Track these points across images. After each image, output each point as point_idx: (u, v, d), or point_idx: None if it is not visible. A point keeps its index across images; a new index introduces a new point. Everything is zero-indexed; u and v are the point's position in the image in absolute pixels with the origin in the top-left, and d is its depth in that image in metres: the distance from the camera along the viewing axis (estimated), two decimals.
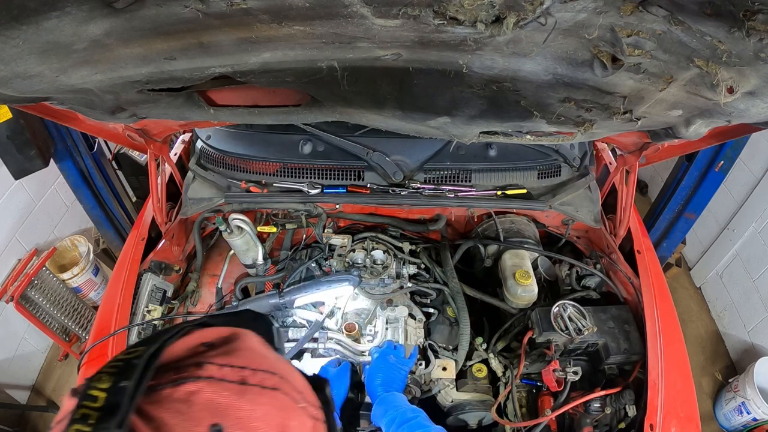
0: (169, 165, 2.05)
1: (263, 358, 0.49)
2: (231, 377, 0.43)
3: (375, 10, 0.74)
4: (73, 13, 0.69)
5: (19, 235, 2.86)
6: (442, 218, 2.05)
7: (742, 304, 3.16)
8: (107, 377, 0.39)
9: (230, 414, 0.41)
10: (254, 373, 0.45)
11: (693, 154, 2.64)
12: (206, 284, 2.03)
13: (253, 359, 0.47)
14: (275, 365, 0.49)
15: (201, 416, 0.40)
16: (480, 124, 1.25)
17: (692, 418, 1.49)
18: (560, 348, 1.64)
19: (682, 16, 0.70)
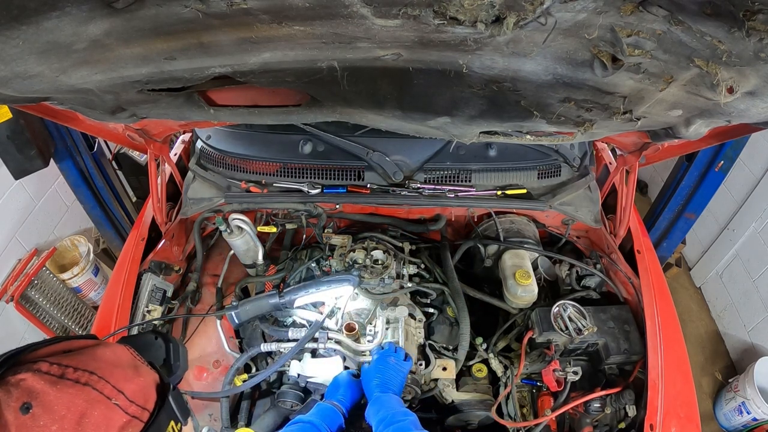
0: (169, 165, 2.05)
1: (98, 362, 0.61)
2: (54, 372, 0.56)
3: (375, 10, 0.74)
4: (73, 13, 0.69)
5: (19, 235, 2.86)
6: (442, 218, 2.05)
7: (742, 304, 3.16)
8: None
9: (40, 397, 0.54)
10: (75, 371, 0.58)
11: (693, 154, 2.64)
12: (206, 284, 2.03)
13: (85, 363, 0.60)
14: (104, 369, 0.61)
15: (19, 396, 0.53)
16: (480, 124, 1.25)
17: (692, 418, 1.50)
18: (560, 348, 1.65)
19: (682, 16, 0.70)
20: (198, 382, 1.83)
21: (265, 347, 1.72)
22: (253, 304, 1.75)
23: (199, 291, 1.98)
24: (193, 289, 1.94)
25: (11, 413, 0.51)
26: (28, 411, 0.52)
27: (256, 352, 1.73)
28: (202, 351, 1.87)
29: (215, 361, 1.87)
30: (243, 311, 1.74)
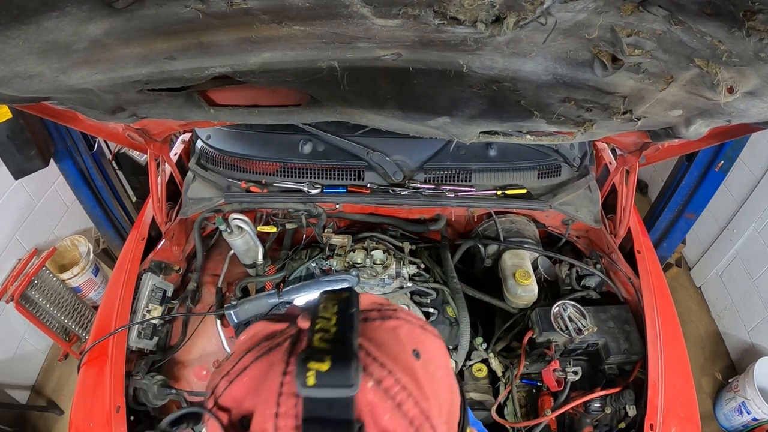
0: (169, 165, 2.05)
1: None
2: (414, 321, 0.53)
3: (375, 10, 0.74)
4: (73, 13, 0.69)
5: (19, 235, 2.86)
6: (442, 218, 2.05)
7: (742, 304, 3.16)
8: (333, 304, 0.46)
9: (423, 344, 0.51)
10: (423, 321, 0.56)
11: (693, 154, 2.64)
12: (206, 284, 2.03)
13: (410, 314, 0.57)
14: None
15: (406, 342, 0.49)
16: (480, 124, 1.25)
17: (692, 418, 1.50)
18: (560, 348, 1.65)
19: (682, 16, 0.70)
20: (198, 382, 1.83)
21: None
22: (252, 304, 1.75)
23: (199, 291, 1.98)
24: (193, 288, 1.94)
25: (411, 358, 0.48)
26: (419, 357, 0.49)
27: None
28: (202, 351, 1.87)
29: (215, 361, 1.87)
30: (242, 310, 1.74)
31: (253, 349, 0.47)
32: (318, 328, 0.42)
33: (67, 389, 3.03)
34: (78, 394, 1.55)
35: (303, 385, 0.38)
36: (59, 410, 2.90)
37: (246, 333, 0.52)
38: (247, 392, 0.45)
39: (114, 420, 1.44)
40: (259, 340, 0.48)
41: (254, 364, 0.46)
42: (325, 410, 0.39)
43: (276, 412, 0.41)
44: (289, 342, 0.46)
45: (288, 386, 0.42)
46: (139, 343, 1.69)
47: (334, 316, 0.44)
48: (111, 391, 1.49)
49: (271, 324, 0.50)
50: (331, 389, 0.38)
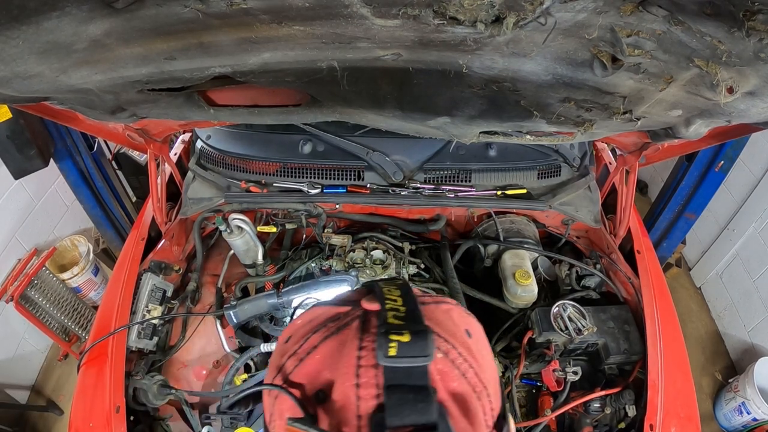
0: (169, 165, 2.05)
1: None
2: (461, 306, 0.57)
3: (375, 10, 0.74)
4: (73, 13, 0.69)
5: (19, 235, 2.86)
6: (442, 218, 2.05)
7: (742, 304, 3.16)
8: (395, 289, 0.51)
9: (472, 326, 0.55)
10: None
11: (693, 154, 2.64)
12: (206, 284, 2.03)
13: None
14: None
15: (459, 323, 0.53)
16: (480, 124, 1.25)
17: (692, 418, 1.50)
18: (560, 348, 1.65)
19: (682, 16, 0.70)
20: (198, 382, 1.83)
21: (265, 347, 1.72)
22: (251, 304, 1.75)
23: (198, 291, 1.98)
24: (193, 288, 1.94)
25: (465, 336, 0.53)
26: (471, 336, 0.54)
27: (256, 352, 1.73)
28: (202, 351, 1.87)
29: (215, 360, 1.87)
30: (241, 311, 1.74)
31: (320, 330, 0.50)
32: (389, 308, 0.47)
33: (67, 389, 3.03)
34: (78, 394, 1.55)
35: (385, 355, 0.42)
36: (59, 410, 2.90)
37: (304, 317, 0.55)
38: (321, 368, 0.47)
39: (114, 420, 1.44)
40: (323, 322, 0.51)
41: (324, 342, 0.49)
42: (405, 378, 0.43)
43: (356, 383, 0.44)
44: (358, 322, 0.50)
45: (365, 359, 0.45)
46: (139, 343, 1.69)
47: (399, 298, 0.49)
48: (111, 391, 1.49)
49: (331, 308, 0.54)
50: (410, 359, 0.43)
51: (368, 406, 0.43)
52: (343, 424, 0.44)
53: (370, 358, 0.45)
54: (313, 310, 0.56)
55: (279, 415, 0.49)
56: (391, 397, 0.42)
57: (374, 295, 0.52)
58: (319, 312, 0.54)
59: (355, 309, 0.52)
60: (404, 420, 0.41)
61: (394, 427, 0.41)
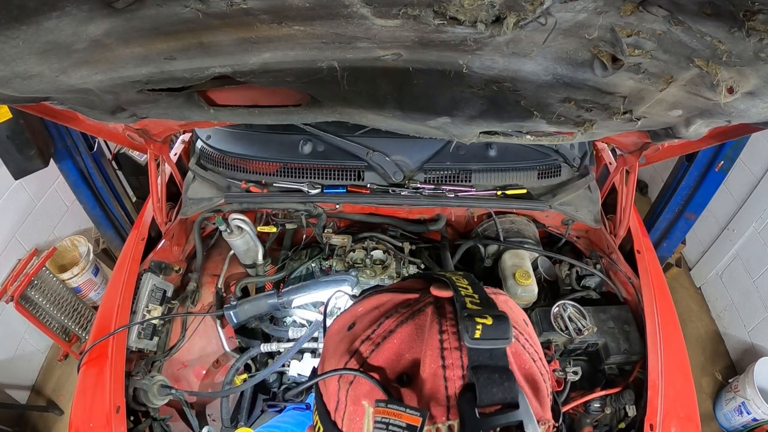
0: (169, 165, 2.05)
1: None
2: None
3: (375, 10, 0.74)
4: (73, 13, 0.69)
5: (19, 235, 2.86)
6: (442, 218, 2.05)
7: (742, 304, 3.16)
8: (464, 281, 0.53)
9: (526, 317, 0.59)
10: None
11: (693, 154, 2.64)
12: (206, 284, 2.03)
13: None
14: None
15: (517, 313, 0.57)
16: (480, 124, 1.25)
17: (692, 418, 1.50)
18: (560, 348, 1.65)
19: (682, 16, 0.70)
20: (198, 381, 1.83)
21: (265, 347, 1.72)
22: (251, 304, 1.75)
23: (198, 291, 1.98)
24: (193, 289, 1.94)
25: (524, 325, 0.56)
26: (528, 325, 0.57)
27: (256, 353, 1.73)
28: (202, 351, 1.87)
29: (215, 361, 1.87)
30: (241, 311, 1.74)
31: (392, 316, 0.51)
32: (464, 295, 0.49)
33: (67, 389, 3.03)
34: (78, 394, 1.55)
35: (471, 337, 0.44)
36: (59, 410, 2.90)
37: (366, 304, 0.56)
38: (402, 351, 0.49)
39: (114, 420, 1.44)
40: (394, 307, 0.53)
41: (401, 327, 0.50)
42: (487, 359, 0.45)
43: (443, 365, 0.46)
44: (432, 307, 0.51)
45: (448, 342, 0.47)
46: (139, 344, 1.69)
47: (469, 287, 0.51)
48: (111, 391, 1.49)
49: (397, 294, 0.55)
50: (492, 341, 0.45)
51: (456, 386, 0.45)
52: (432, 405, 0.45)
53: (453, 340, 0.47)
54: (376, 297, 0.57)
55: (354, 400, 0.48)
56: (479, 377, 0.44)
57: (442, 283, 0.53)
58: (384, 299, 0.55)
59: (425, 296, 0.54)
60: (492, 398, 0.43)
61: (483, 405, 0.43)
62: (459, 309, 0.47)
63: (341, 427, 0.50)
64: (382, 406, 0.44)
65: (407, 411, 0.43)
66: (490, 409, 0.43)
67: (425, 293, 0.54)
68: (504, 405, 0.43)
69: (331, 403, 0.51)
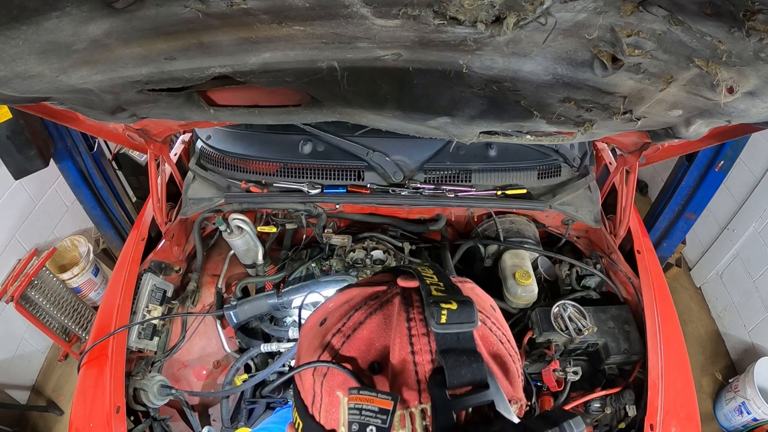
0: (169, 165, 2.05)
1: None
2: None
3: (375, 11, 0.74)
4: (73, 13, 0.69)
5: (19, 235, 2.86)
6: (442, 218, 2.05)
7: (742, 304, 3.16)
8: (429, 271, 0.55)
9: (494, 303, 0.60)
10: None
11: (693, 154, 2.64)
12: (206, 284, 2.03)
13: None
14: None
15: (484, 299, 0.59)
16: (480, 124, 1.25)
17: (692, 418, 1.50)
18: (560, 348, 1.65)
19: (682, 16, 0.70)
20: (198, 382, 1.83)
21: (265, 347, 1.72)
22: (251, 304, 1.75)
23: (198, 291, 1.98)
24: (193, 289, 1.94)
25: (491, 310, 0.58)
26: (495, 310, 0.60)
27: (256, 353, 1.73)
28: (202, 351, 1.87)
29: (215, 361, 1.87)
30: (241, 311, 1.74)
31: (362, 308, 0.53)
32: (429, 283, 0.51)
33: (67, 389, 3.03)
34: (78, 394, 1.55)
35: (437, 322, 0.46)
36: (59, 410, 2.90)
37: (336, 299, 0.58)
38: (372, 340, 0.50)
39: (114, 420, 1.44)
40: (363, 300, 0.54)
41: (370, 318, 0.51)
42: (455, 342, 0.47)
43: (412, 350, 0.48)
44: (399, 297, 0.53)
45: (416, 328, 0.49)
46: (139, 344, 1.69)
47: (434, 276, 0.53)
48: (111, 391, 1.49)
49: (365, 288, 0.56)
50: (458, 325, 0.47)
51: (426, 370, 0.47)
52: (404, 389, 0.46)
53: (421, 327, 0.49)
54: (345, 291, 0.58)
55: (329, 391, 0.50)
56: (447, 360, 0.45)
57: (408, 274, 0.55)
58: (354, 293, 0.57)
59: (392, 287, 0.55)
60: (462, 380, 0.44)
61: (453, 386, 0.44)
62: (425, 296, 0.49)
63: (319, 420, 0.51)
64: (354, 393, 0.45)
65: (379, 396, 0.44)
66: (461, 390, 0.44)
67: (393, 285, 0.55)
68: (474, 386, 0.44)
69: (308, 397, 0.52)
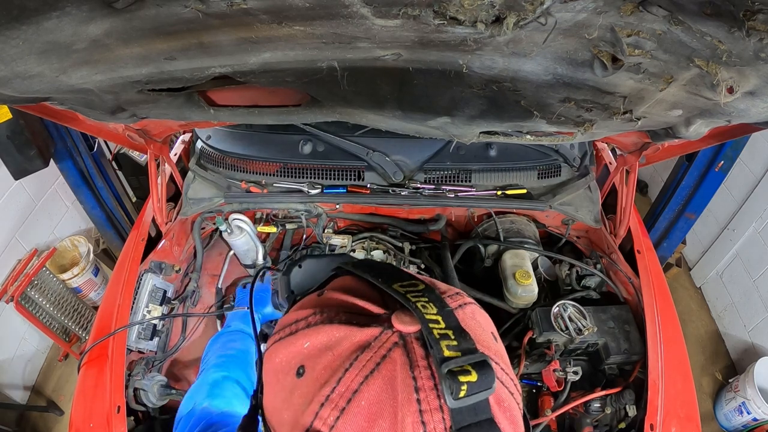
0: (169, 165, 2.05)
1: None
2: (473, 300, 0.54)
3: (375, 11, 0.74)
4: (73, 13, 0.69)
5: (19, 235, 2.86)
6: (442, 218, 2.05)
7: (742, 304, 3.16)
8: (430, 305, 0.45)
9: (491, 324, 0.54)
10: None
11: (693, 154, 2.64)
12: (206, 284, 2.03)
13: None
14: None
15: (485, 327, 0.51)
16: (480, 124, 1.25)
17: (692, 418, 1.50)
18: (560, 348, 1.65)
19: (682, 16, 0.70)
20: None
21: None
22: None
23: (198, 291, 1.98)
24: (193, 289, 1.94)
25: (494, 342, 0.51)
26: (497, 340, 0.53)
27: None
28: (202, 351, 1.87)
29: None
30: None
31: (353, 367, 0.43)
32: (438, 336, 0.42)
33: (67, 389, 3.03)
34: (78, 394, 1.55)
35: (455, 398, 0.39)
36: (59, 410, 2.90)
37: (316, 339, 0.46)
38: (373, 417, 0.41)
39: (114, 420, 1.44)
40: (352, 354, 0.44)
41: (366, 384, 0.42)
42: (472, 416, 0.41)
43: (424, 431, 0.41)
44: (400, 351, 0.44)
45: (426, 402, 0.41)
46: (139, 344, 1.69)
47: (438, 317, 0.44)
48: (111, 391, 1.49)
49: (353, 330, 0.46)
50: (476, 395, 0.40)
51: None
52: None
53: (432, 399, 0.41)
54: (324, 330, 0.47)
55: None
56: None
57: (402, 307, 0.46)
58: (336, 334, 0.46)
59: (387, 331, 0.45)
60: None
61: None
62: (436, 361, 0.41)
63: None
64: None
65: None
66: None
67: (385, 324, 0.46)
68: None
69: None
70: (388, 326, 0.45)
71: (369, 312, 0.48)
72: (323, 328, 0.47)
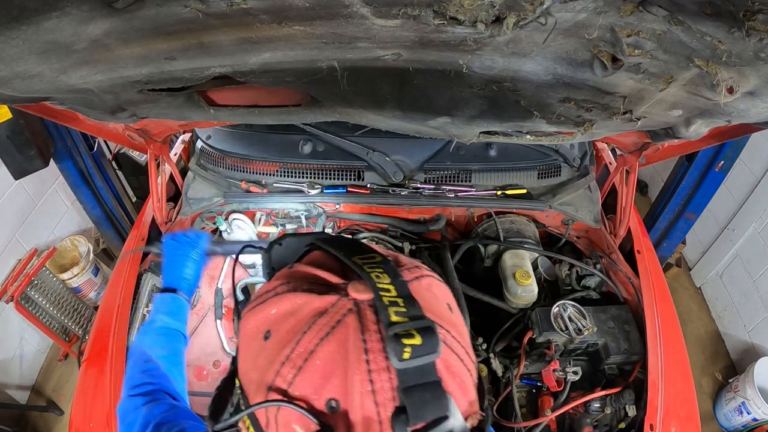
0: (169, 165, 2.05)
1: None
2: (431, 272, 0.57)
3: (375, 10, 0.74)
4: (73, 13, 0.69)
5: (19, 235, 2.86)
6: (442, 218, 2.05)
7: (742, 304, 3.16)
8: (384, 275, 0.49)
9: (447, 295, 0.56)
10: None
11: (693, 154, 2.64)
12: (206, 284, 2.03)
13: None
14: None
15: (441, 298, 0.54)
16: (480, 124, 1.25)
17: (692, 418, 1.50)
18: (560, 348, 1.64)
19: (682, 16, 0.70)
20: (198, 381, 1.83)
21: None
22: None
23: (198, 291, 1.98)
24: None
25: (448, 312, 0.54)
26: (452, 310, 0.55)
27: None
28: (202, 351, 1.87)
29: (215, 361, 1.87)
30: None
31: (310, 330, 0.47)
32: (388, 302, 0.46)
33: (67, 389, 3.03)
34: (78, 394, 1.55)
35: (400, 360, 0.42)
36: (59, 410, 2.90)
37: (282, 305, 0.50)
38: (326, 375, 0.45)
39: (114, 420, 1.44)
40: (311, 318, 0.48)
41: (321, 345, 0.46)
42: (417, 377, 0.43)
43: (372, 389, 0.44)
44: (354, 317, 0.47)
45: (375, 363, 0.44)
46: None
47: (391, 286, 0.47)
48: (111, 391, 1.49)
49: (313, 297, 0.49)
50: (422, 358, 0.43)
51: (388, 410, 0.44)
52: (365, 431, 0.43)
53: (380, 360, 0.44)
54: (288, 298, 0.50)
55: (284, 425, 0.46)
56: (410, 399, 0.43)
57: (360, 280, 0.49)
58: (299, 301, 0.50)
59: (343, 299, 0.49)
60: (424, 417, 0.42)
61: (415, 424, 0.42)
62: (384, 326, 0.44)
63: None
64: None
65: None
66: (422, 424, 0.42)
67: (343, 294, 0.49)
68: (435, 419, 0.43)
69: (262, 418, 0.49)
70: (345, 294, 0.49)
71: (329, 282, 0.52)
72: (288, 296, 0.51)
